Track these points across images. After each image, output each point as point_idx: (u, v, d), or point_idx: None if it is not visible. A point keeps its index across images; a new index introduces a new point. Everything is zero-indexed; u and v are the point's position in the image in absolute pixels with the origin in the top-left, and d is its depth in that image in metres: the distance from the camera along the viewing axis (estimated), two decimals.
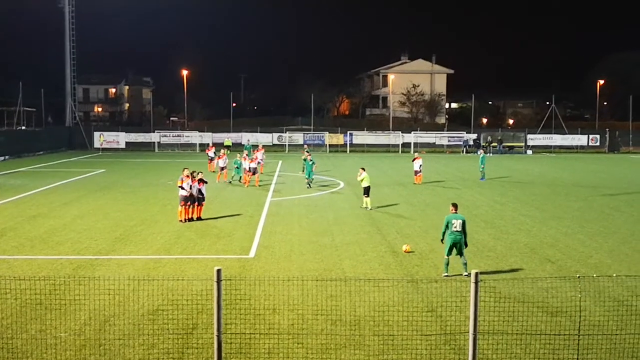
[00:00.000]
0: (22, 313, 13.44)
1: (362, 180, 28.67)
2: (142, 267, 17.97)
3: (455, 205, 17.37)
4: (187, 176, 25.02)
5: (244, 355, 11.42)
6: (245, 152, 45.10)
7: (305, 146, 51.24)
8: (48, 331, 12.48)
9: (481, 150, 47.25)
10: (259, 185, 36.61)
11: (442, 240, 17.12)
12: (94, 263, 18.39)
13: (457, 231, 16.54)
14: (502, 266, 18.19)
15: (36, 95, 74.14)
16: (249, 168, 36.84)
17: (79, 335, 12.33)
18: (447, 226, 16.67)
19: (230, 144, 66.42)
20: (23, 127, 70.59)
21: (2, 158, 56.01)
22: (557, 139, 78.41)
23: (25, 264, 18.23)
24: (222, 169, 39.33)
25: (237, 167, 38.27)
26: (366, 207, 28.21)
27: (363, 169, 29.24)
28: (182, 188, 24.74)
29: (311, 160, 36.42)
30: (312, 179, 36.51)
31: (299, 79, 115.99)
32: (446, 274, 16.74)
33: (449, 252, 16.69)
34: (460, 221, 16.67)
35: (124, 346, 11.79)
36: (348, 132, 76.75)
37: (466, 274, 16.34)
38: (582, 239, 22.18)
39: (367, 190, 28.42)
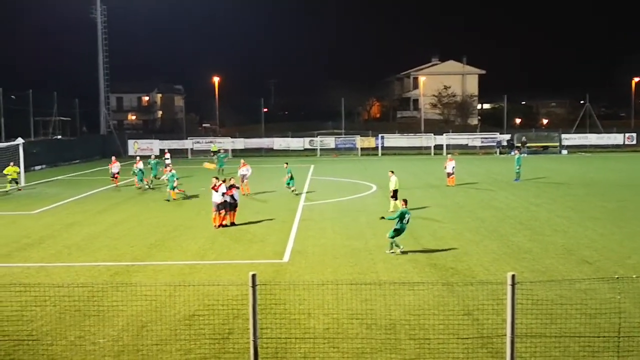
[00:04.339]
0: (60, 320, 13.66)
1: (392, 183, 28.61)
2: (178, 272, 18.14)
3: (405, 201, 20.48)
4: (215, 186, 25.02)
5: None
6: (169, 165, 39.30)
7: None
8: (86, 337, 12.66)
9: (516, 151, 46.75)
10: (249, 194, 34.52)
11: (381, 218, 21.19)
12: (130, 269, 18.62)
13: (406, 224, 19.67)
14: (538, 268, 17.98)
15: (71, 105, 75.37)
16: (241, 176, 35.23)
17: (117, 341, 12.49)
18: (401, 218, 19.45)
19: (217, 150, 65.79)
20: (58, 137, 71.67)
21: (39, 167, 56.94)
22: (592, 138, 77.20)
23: (63, 271, 18.52)
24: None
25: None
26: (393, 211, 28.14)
27: (392, 171, 29.11)
28: (216, 191, 24.87)
29: (288, 172, 34.63)
30: (292, 187, 34.76)
31: (329, 83, 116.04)
32: (402, 249, 19.66)
33: (396, 237, 19.56)
34: (409, 216, 19.84)
35: (161, 351, 11.91)
36: (379, 135, 76.48)
37: (399, 250, 19.60)
38: (619, 240, 21.80)
39: (395, 194, 28.31)
